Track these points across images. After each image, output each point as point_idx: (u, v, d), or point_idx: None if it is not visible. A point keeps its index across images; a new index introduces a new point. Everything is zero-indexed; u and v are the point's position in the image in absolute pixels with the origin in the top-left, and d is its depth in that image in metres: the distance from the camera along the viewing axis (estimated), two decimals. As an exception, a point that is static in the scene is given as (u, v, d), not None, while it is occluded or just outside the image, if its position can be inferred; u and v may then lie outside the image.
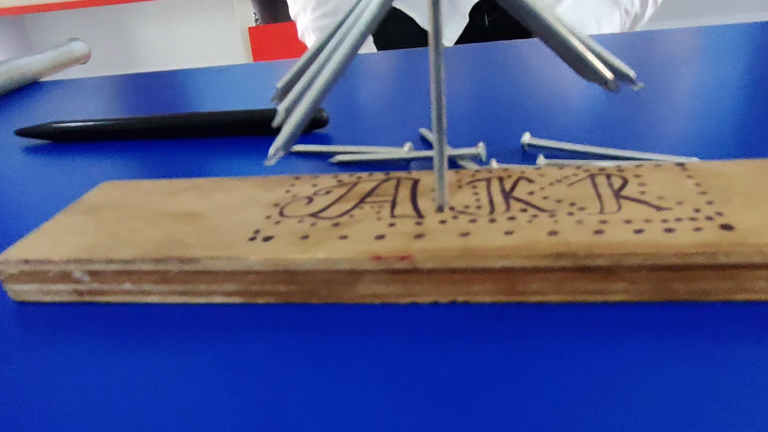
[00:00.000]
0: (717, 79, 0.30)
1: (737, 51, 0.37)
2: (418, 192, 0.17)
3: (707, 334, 0.12)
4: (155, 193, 0.18)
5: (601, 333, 0.12)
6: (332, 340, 0.13)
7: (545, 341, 0.12)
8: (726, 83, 0.30)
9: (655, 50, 0.39)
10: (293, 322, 0.14)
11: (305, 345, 0.13)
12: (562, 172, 0.17)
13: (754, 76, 0.30)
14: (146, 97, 0.42)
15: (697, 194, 0.15)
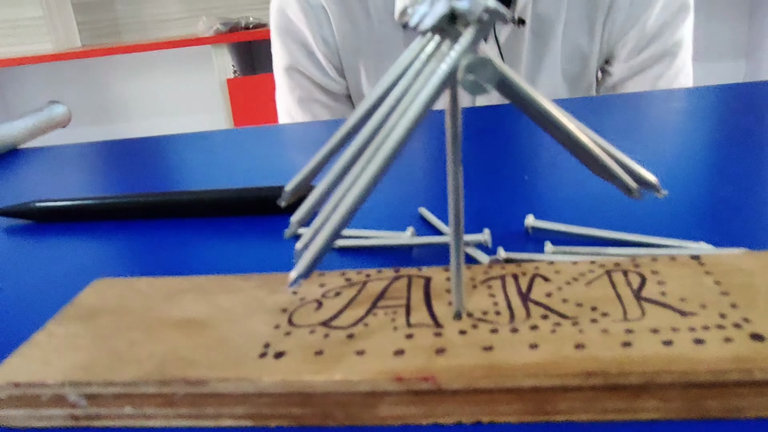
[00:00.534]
0: (710, 149, 0.31)
1: (727, 114, 0.37)
2: (431, 293, 0.16)
3: (751, 460, 0.12)
4: (153, 295, 0.17)
5: (640, 460, 0.12)
6: (354, 474, 0.12)
7: (583, 472, 0.12)
8: (720, 152, 0.30)
9: (641, 113, 0.40)
10: (309, 448, 0.13)
11: (326, 480, 0.12)
12: (577, 269, 0.17)
13: (751, 143, 0.31)
14: (128, 164, 0.41)
15: (719, 295, 0.15)
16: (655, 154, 0.31)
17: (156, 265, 0.23)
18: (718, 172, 0.28)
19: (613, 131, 0.36)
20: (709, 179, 0.27)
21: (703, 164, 0.29)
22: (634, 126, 0.37)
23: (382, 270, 0.18)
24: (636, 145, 0.33)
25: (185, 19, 1.85)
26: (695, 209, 0.23)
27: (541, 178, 0.28)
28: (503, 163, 0.31)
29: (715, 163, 0.29)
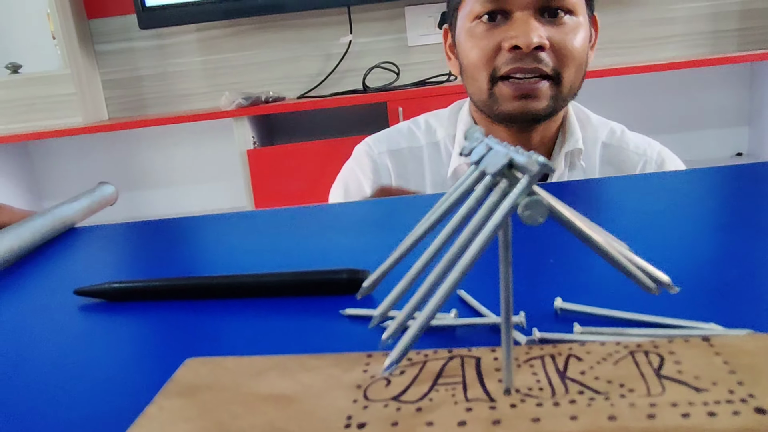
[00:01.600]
0: (717, 231, 0.34)
1: (731, 195, 0.41)
2: (482, 371, 0.19)
3: None
4: (242, 373, 0.21)
5: None
6: None
7: None
8: (726, 234, 0.33)
9: (654, 196, 0.43)
10: (391, 506, 0.16)
11: None
12: (605, 349, 0.20)
13: (754, 224, 0.34)
14: (168, 243, 0.44)
15: (728, 374, 0.18)
16: (665, 237, 0.34)
17: (227, 342, 0.26)
18: (727, 254, 0.31)
19: (623, 212, 0.40)
20: (719, 262, 0.30)
21: (712, 246, 0.32)
22: (643, 208, 0.41)
23: (437, 351, 0.21)
24: (646, 227, 0.36)
25: (208, 93, 1.94)
26: (706, 291, 0.26)
27: (566, 263, 0.31)
28: (532, 247, 0.34)
29: (723, 245, 0.32)
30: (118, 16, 1.91)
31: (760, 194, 0.41)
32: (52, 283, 0.37)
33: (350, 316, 0.27)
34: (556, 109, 0.72)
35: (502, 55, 0.69)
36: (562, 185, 0.52)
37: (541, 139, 0.77)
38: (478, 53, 0.71)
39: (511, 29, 0.68)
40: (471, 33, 0.72)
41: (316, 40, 1.90)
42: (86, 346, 0.28)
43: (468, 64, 0.74)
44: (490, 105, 0.72)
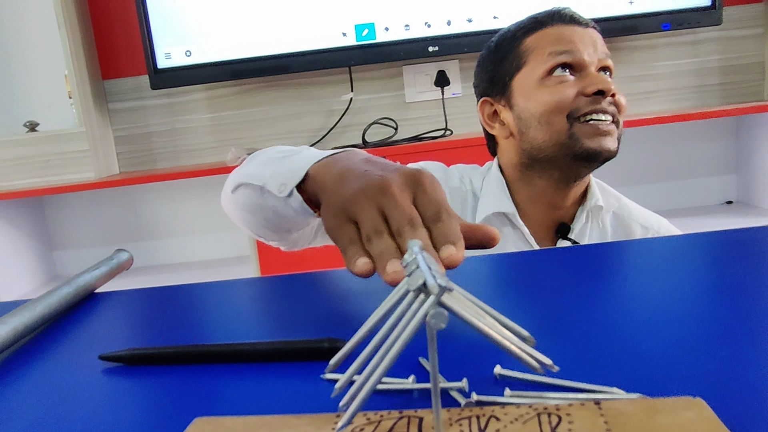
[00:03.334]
0: (646, 303, 0.40)
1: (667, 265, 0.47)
2: (423, 428, 0.25)
3: None
4: (239, 430, 0.26)
5: None
6: None
7: None
8: (656, 309, 0.39)
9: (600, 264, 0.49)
10: None
11: None
12: (519, 411, 0.25)
13: (688, 298, 0.40)
14: (175, 309, 0.50)
15: (605, 431, 0.23)
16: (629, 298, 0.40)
17: (227, 400, 0.32)
18: (642, 325, 0.36)
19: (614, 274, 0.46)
20: (633, 331, 0.36)
21: (631, 315, 0.38)
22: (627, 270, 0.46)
23: (391, 412, 0.26)
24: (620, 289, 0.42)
25: (216, 148, 2.03)
26: (616, 358, 0.32)
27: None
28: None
29: (647, 314, 0.38)
30: (130, 77, 2.01)
31: (747, 259, 0.47)
32: (77, 348, 0.43)
33: (329, 380, 0.33)
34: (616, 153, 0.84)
35: (582, 100, 0.81)
36: (573, 249, 0.58)
37: (574, 195, 0.88)
38: (558, 98, 0.82)
39: (588, 79, 0.81)
40: (545, 86, 0.84)
41: (319, 97, 2.00)
42: (109, 404, 0.33)
43: (543, 113, 0.84)
44: (571, 144, 0.82)
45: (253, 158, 0.68)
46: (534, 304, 0.42)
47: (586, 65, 0.82)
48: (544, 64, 0.83)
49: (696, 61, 1.98)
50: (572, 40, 0.82)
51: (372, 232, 0.39)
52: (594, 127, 0.81)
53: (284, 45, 1.84)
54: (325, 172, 0.50)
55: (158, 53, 1.85)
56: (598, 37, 0.85)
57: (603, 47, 0.84)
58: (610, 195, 0.92)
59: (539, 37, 0.85)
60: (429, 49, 1.82)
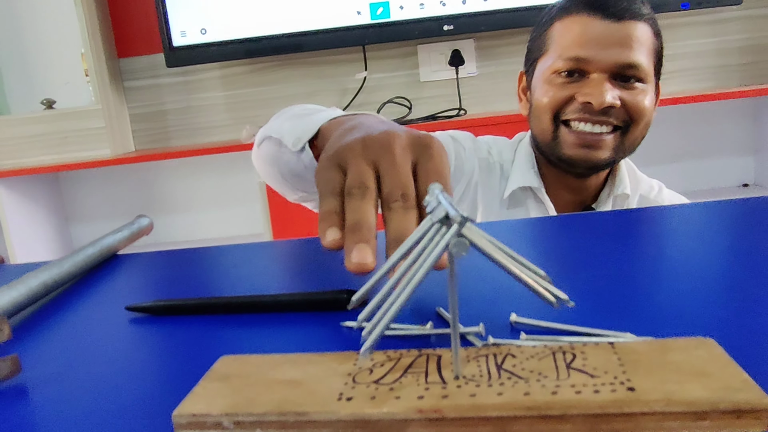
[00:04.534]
0: (660, 261, 0.40)
1: (684, 231, 0.47)
2: (441, 365, 0.26)
3: (619, 457, 0.21)
4: (263, 366, 0.27)
5: (557, 457, 0.21)
6: (395, 465, 0.21)
7: (524, 463, 0.21)
8: (669, 264, 0.40)
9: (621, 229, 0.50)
10: (368, 454, 0.22)
11: (379, 468, 0.21)
12: (534, 350, 0.26)
13: (697, 258, 0.40)
14: (197, 268, 0.52)
15: (618, 366, 0.24)
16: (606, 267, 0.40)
17: (250, 348, 0.33)
18: (655, 281, 0.37)
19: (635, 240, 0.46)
20: (643, 285, 0.36)
21: (637, 276, 0.39)
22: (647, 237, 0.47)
23: (410, 350, 0.27)
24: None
25: (230, 126, 2.04)
26: (630, 308, 0.33)
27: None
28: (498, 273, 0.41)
29: (652, 275, 0.38)
30: (146, 55, 2.02)
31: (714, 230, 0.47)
32: (103, 301, 0.45)
33: (349, 327, 0.34)
34: (616, 161, 0.81)
35: (573, 105, 0.79)
36: (598, 215, 0.58)
37: (597, 181, 0.86)
38: (549, 99, 0.80)
39: (586, 87, 0.78)
40: (548, 82, 0.82)
41: (333, 76, 2.00)
42: (136, 350, 0.35)
43: (537, 107, 0.83)
44: (553, 147, 0.81)
45: (281, 114, 0.69)
46: (551, 264, 0.42)
47: (590, 72, 0.78)
48: (555, 62, 0.81)
49: (716, 41, 1.95)
50: (589, 41, 0.78)
51: (355, 186, 0.35)
52: (578, 136, 0.79)
53: (298, 23, 1.84)
54: (336, 127, 0.49)
55: (174, 31, 1.86)
56: (633, 30, 0.77)
57: (639, 42, 0.77)
58: (639, 180, 0.90)
59: (562, 27, 0.81)
60: (444, 28, 1.81)
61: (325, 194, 0.36)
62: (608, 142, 0.79)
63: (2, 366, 0.31)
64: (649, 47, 0.79)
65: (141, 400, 0.29)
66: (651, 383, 0.23)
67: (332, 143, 0.42)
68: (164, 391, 0.29)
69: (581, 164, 0.80)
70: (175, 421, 0.24)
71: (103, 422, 0.27)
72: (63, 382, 0.31)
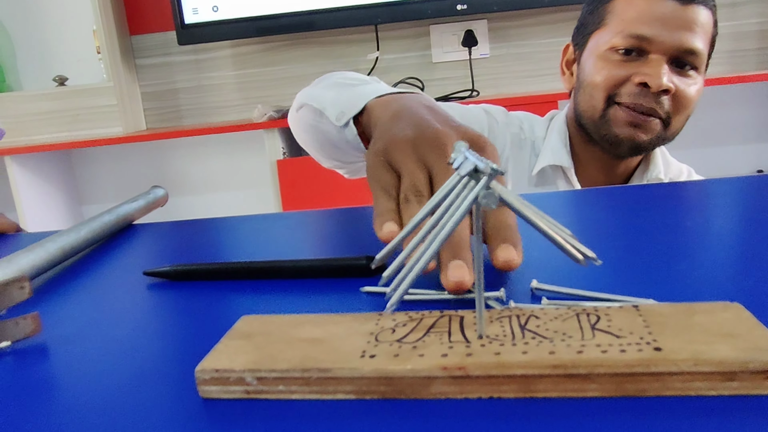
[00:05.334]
0: (682, 233, 0.40)
1: (705, 206, 0.46)
2: (464, 325, 0.26)
3: (646, 417, 0.20)
4: (284, 325, 0.27)
5: (584, 419, 0.21)
6: (414, 422, 0.21)
7: (548, 425, 0.21)
8: (688, 237, 0.39)
9: (645, 203, 0.49)
10: (390, 411, 0.22)
11: (398, 426, 0.21)
12: (558, 312, 0.26)
13: (717, 230, 0.40)
14: (213, 238, 0.52)
15: (643, 327, 0.24)
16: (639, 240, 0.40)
17: (266, 310, 0.33)
18: (676, 250, 0.37)
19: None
20: (666, 255, 0.36)
21: (657, 247, 0.38)
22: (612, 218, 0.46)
23: (432, 312, 0.27)
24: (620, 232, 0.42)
25: (241, 105, 2.04)
26: (652, 276, 0.32)
27: (545, 252, 0.37)
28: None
29: (673, 245, 0.38)
30: (158, 33, 2.02)
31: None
32: (121, 266, 0.45)
33: (368, 292, 0.34)
34: (657, 145, 0.80)
35: (628, 87, 0.77)
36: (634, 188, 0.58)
37: (627, 165, 0.85)
38: (605, 77, 0.78)
39: (645, 67, 0.76)
40: (604, 58, 0.79)
41: (345, 56, 1.99)
42: (155, 314, 0.35)
43: (590, 83, 0.81)
44: (600, 125, 0.80)
45: (322, 80, 0.68)
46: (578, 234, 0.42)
47: (651, 52, 0.76)
48: (614, 38, 0.78)
49: (733, 24, 1.92)
50: (654, 19, 0.75)
51: (411, 191, 0.35)
52: (628, 114, 0.77)
53: (311, 2, 1.83)
54: (383, 108, 0.48)
55: (185, 8, 1.85)
56: (697, 15, 0.76)
57: (701, 28, 0.76)
58: (670, 164, 0.88)
59: (626, 2, 0.79)
60: (457, 8, 1.79)
61: (380, 195, 0.37)
62: (653, 125, 0.78)
63: (24, 324, 0.31)
64: (708, 35, 0.78)
65: (161, 360, 0.29)
66: (678, 343, 0.22)
67: (381, 133, 0.42)
68: (184, 352, 0.29)
69: (626, 143, 0.79)
70: (198, 376, 0.24)
71: (124, 379, 0.27)
72: (83, 342, 0.31)
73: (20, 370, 0.29)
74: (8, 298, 0.31)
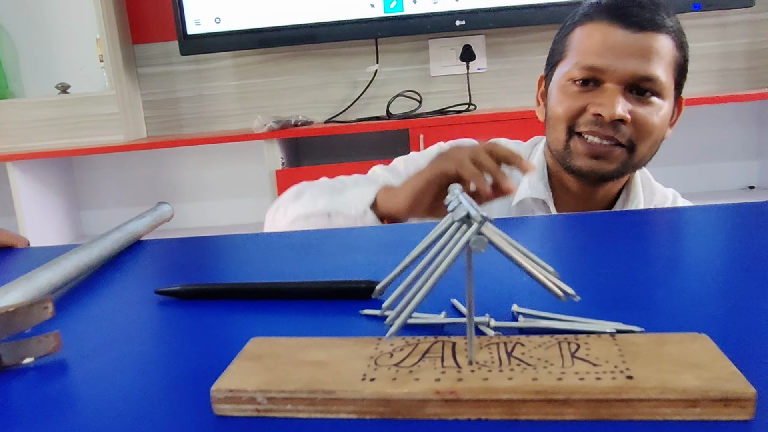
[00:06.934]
0: (659, 260, 0.43)
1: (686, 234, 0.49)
2: (456, 351, 0.28)
3: (617, 437, 0.23)
4: (291, 347, 0.30)
5: (561, 436, 0.23)
6: (414, 439, 0.24)
7: (530, 440, 0.23)
8: (667, 264, 0.42)
9: (628, 229, 0.52)
10: (388, 430, 0.25)
11: (399, 441, 0.24)
12: (542, 340, 0.28)
13: (697, 259, 0.42)
14: (217, 255, 0.54)
15: (618, 356, 0.26)
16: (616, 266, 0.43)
17: (274, 332, 0.36)
18: (652, 277, 0.39)
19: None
20: (641, 282, 0.38)
21: (641, 277, 0.41)
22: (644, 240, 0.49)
23: (427, 337, 0.30)
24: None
25: (241, 115, 2.06)
26: (627, 303, 0.35)
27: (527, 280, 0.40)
28: (504, 270, 0.43)
29: (656, 275, 0.41)
30: (160, 42, 2.04)
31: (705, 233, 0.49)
32: (133, 283, 0.47)
33: (367, 315, 0.36)
34: (624, 173, 0.81)
35: (585, 117, 0.78)
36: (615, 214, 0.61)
37: (605, 195, 0.85)
38: (564, 109, 0.80)
39: (599, 97, 0.77)
40: (563, 90, 0.81)
41: (344, 68, 2.02)
42: (167, 331, 0.37)
43: (552, 115, 0.83)
44: (564, 157, 0.81)
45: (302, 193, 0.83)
46: (555, 261, 0.44)
47: (605, 81, 0.77)
48: (572, 69, 0.80)
49: (723, 44, 1.96)
50: (606, 49, 0.76)
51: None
52: (588, 146, 0.78)
53: (312, 15, 1.86)
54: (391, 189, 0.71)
55: (188, 19, 1.88)
56: (652, 42, 0.76)
57: (658, 55, 0.76)
58: (655, 190, 0.89)
59: (582, 34, 0.80)
60: (456, 23, 1.83)
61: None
62: (616, 154, 0.78)
63: (46, 341, 0.34)
64: (669, 61, 0.78)
65: (175, 378, 0.31)
66: (648, 372, 0.25)
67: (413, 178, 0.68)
68: (196, 369, 0.32)
69: (590, 175, 0.80)
70: (213, 395, 0.26)
71: (141, 396, 0.29)
72: (101, 358, 0.34)
73: (43, 385, 0.31)
74: (33, 318, 0.33)
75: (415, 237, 0.55)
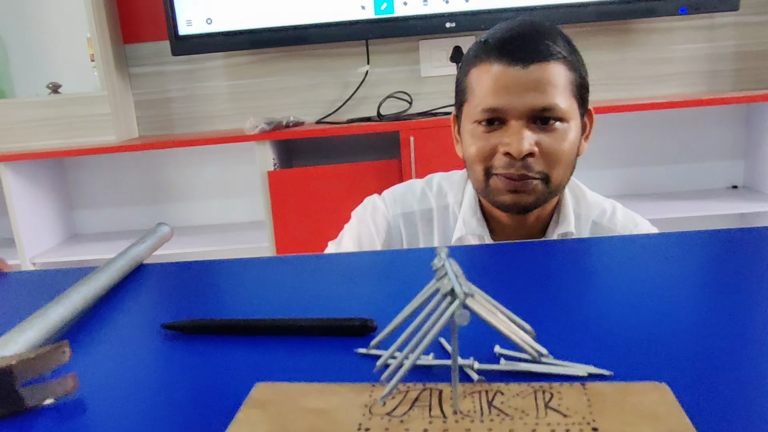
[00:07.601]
0: (635, 295, 0.46)
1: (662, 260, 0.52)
2: (442, 399, 0.31)
3: (582, 486, 0.26)
4: (293, 394, 0.33)
5: (534, 484, 0.26)
6: (405, 487, 0.27)
7: (507, 488, 0.26)
8: (643, 301, 0.45)
9: (602, 257, 0.55)
10: (382, 476, 0.28)
11: (392, 489, 0.27)
12: (519, 388, 0.32)
13: (671, 293, 0.46)
14: (215, 281, 0.57)
15: (587, 407, 0.30)
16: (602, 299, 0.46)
17: (273, 368, 0.39)
18: (628, 317, 0.42)
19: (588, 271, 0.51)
20: (612, 324, 0.42)
21: (621, 310, 0.44)
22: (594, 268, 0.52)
23: (416, 384, 0.33)
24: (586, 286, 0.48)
25: (233, 115, 2.08)
26: (611, 345, 0.38)
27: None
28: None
29: (635, 310, 0.44)
30: (151, 42, 2.05)
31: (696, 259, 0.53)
32: (136, 315, 0.50)
33: (361, 354, 0.39)
34: (547, 200, 0.83)
35: (498, 157, 0.80)
36: (550, 243, 0.64)
37: (537, 219, 0.87)
38: (476, 151, 0.81)
39: (505, 136, 0.78)
40: (471, 133, 0.82)
41: (335, 69, 2.03)
42: (174, 369, 0.40)
43: (468, 157, 0.84)
44: (487, 194, 0.83)
45: None
46: (527, 293, 0.48)
47: (508, 119, 0.78)
48: (474, 112, 0.81)
49: (711, 46, 1.99)
50: (500, 89, 0.77)
51: None
52: (506, 182, 0.79)
53: (303, 16, 1.87)
54: None
55: (180, 20, 1.89)
56: (543, 73, 0.77)
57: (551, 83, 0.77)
58: (591, 204, 0.90)
59: (476, 75, 0.81)
60: (446, 25, 1.85)
61: None
62: (533, 186, 0.80)
63: (64, 383, 0.36)
64: (564, 85, 0.78)
65: (182, 416, 0.34)
66: (612, 424, 0.28)
67: None
68: (204, 406, 0.34)
69: (512, 208, 0.82)
70: (224, 443, 0.29)
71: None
72: (115, 397, 0.37)
73: (63, 424, 0.34)
74: (52, 362, 0.36)
75: (407, 264, 0.59)
